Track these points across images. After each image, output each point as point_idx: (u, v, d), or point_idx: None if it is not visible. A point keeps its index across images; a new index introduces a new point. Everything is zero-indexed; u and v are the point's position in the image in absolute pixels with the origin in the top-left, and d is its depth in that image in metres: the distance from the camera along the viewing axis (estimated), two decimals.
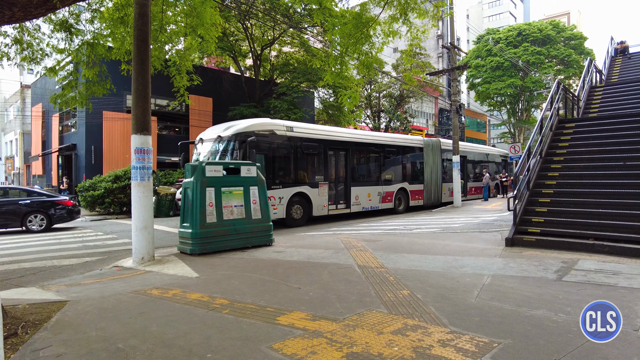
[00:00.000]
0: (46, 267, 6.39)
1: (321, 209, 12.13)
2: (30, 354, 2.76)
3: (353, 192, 13.20)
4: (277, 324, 3.29)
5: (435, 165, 16.86)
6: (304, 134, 12.21)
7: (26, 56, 9.59)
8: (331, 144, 12.83)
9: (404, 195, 15.45)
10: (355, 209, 13.27)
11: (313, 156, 12.39)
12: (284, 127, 11.64)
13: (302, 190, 11.65)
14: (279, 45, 22.70)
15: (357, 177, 13.66)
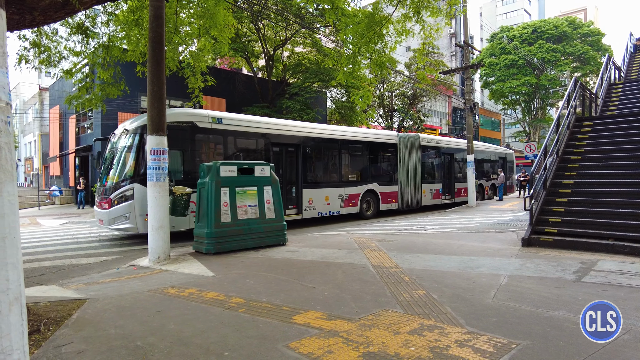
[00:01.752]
0: (65, 266, 6.51)
1: None
2: (52, 350, 2.82)
3: (305, 195, 11.48)
4: (293, 323, 3.30)
5: (413, 164, 14.95)
6: (238, 127, 10.51)
7: (44, 59, 9.77)
8: (276, 138, 11.13)
9: (373, 198, 13.55)
10: (308, 214, 11.42)
11: (252, 153, 10.75)
12: (209, 118, 10.08)
13: None
14: (291, 45, 22.76)
15: (311, 177, 11.90)
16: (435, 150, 16.55)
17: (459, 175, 17.84)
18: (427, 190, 15.73)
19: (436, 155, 16.68)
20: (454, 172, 17.43)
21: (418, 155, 15.28)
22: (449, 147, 17.35)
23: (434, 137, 17.27)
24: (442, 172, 16.94)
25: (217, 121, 10.22)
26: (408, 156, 14.88)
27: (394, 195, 14.29)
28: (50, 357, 2.71)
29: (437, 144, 16.81)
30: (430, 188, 15.94)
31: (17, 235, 2.06)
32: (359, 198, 12.98)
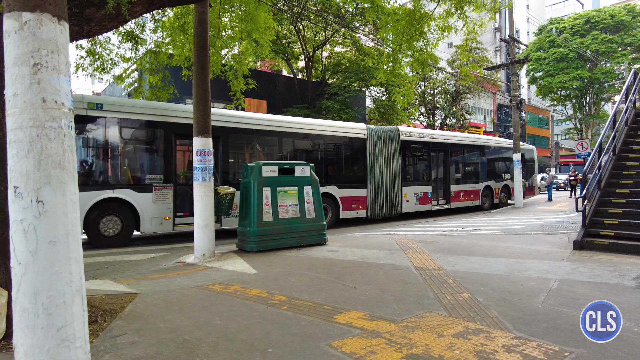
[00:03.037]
0: (117, 262, 6.86)
1: (158, 222, 8.60)
2: (109, 340, 2.99)
3: None
4: (334, 322, 3.31)
5: (389, 163, 12.43)
6: (123, 113, 8.62)
7: (98, 66, 10.34)
8: (179, 128, 9.08)
9: (332, 204, 11.18)
10: (229, 224, 9.36)
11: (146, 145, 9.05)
12: (85, 103, 8.23)
13: (119, 195, 8.25)
14: (330, 45, 22.82)
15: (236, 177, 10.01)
16: (422, 147, 13.66)
17: (457, 175, 14.86)
18: (409, 194, 12.92)
19: (424, 152, 13.79)
20: (450, 172, 14.46)
21: (397, 152, 12.66)
22: (442, 142, 14.35)
23: (420, 131, 14.41)
24: (434, 173, 14.19)
25: (95, 107, 8.36)
26: (382, 153, 12.41)
27: (361, 201, 11.78)
28: (107, 346, 2.87)
29: (425, 138, 13.87)
30: (414, 191, 13.10)
31: (78, 232, 2.20)
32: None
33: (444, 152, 14.55)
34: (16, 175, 2.03)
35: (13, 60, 2.05)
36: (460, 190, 14.77)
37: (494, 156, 16.57)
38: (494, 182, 16.25)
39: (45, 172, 2.03)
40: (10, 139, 2.05)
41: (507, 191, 16.95)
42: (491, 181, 16.12)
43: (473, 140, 16.17)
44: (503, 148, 17.04)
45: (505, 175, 16.96)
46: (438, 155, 14.49)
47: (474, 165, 15.71)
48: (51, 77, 2.10)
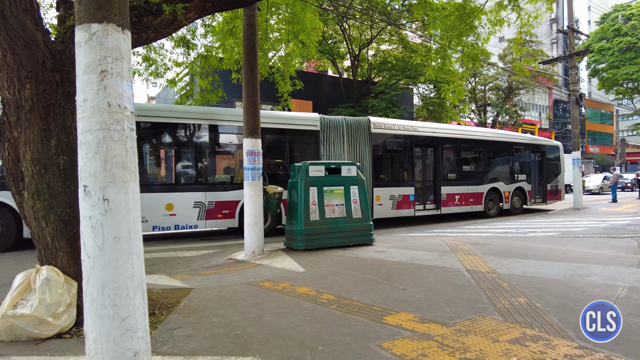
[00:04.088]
0: (171, 258, 7.18)
1: None
2: (166, 332, 3.14)
3: None
4: (384, 323, 3.27)
5: (354, 160, 10.67)
6: None
7: (153, 71, 10.89)
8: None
9: None
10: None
11: None
12: None
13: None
14: (376, 44, 22.62)
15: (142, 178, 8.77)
16: (402, 141, 11.66)
17: (451, 175, 12.67)
18: (383, 197, 11.02)
19: (406, 147, 11.77)
20: (441, 171, 12.33)
21: (366, 147, 10.79)
22: (429, 135, 12.21)
23: (401, 122, 12.19)
24: (419, 172, 12.27)
25: None
26: (344, 148, 10.51)
27: None
28: (164, 338, 3.01)
29: (406, 131, 11.71)
30: (390, 193, 11.15)
31: (139, 228, 2.32)
32: (237, 207, 9.32)
33: (433, 148, 12.36)
34: (85, 175, 2.18)
35: (83, 68, 2.21)
36: (454, 192, 12.50)
37: (503, 154, 14.19)
38: (503, 184, 13.76)
39: (111, 172, 2.17)
40: (80, 141, 2.21)
41: (521, 195, 14.40)
42: (499, 183, 13.68)
43: (474, 134, 13.79)
44: (516, 144, 14.49)
45: (518, 176, 14.37)
46: (425, 151, 12.37)
47: (476, 164, 13.55)
48: (116, 83, 2.23)
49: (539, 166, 15.13)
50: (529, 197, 14.53)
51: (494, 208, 13.59)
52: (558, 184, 15.74)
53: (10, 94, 3.36)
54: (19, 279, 3.18)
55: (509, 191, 13.99)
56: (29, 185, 3.35)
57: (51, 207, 3.28)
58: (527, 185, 14.52)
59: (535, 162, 15.04)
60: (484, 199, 13.18)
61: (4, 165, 3.63)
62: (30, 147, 3.32)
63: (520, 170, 14.52)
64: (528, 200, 14.51)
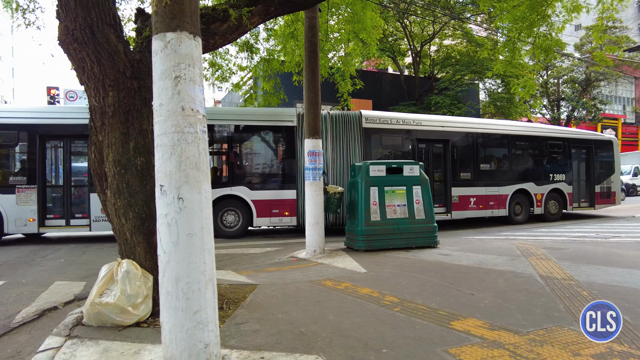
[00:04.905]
0: (237, 254, 7.45)
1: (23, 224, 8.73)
2: (233, 326, 3.26)
3: (95, 201, 8.73)
4: (451, 328, 3.15)
5: (341, 158, 9.78)
6: None
7: (219, 76, 11.40)
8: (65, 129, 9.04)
9: (241, 209, 9.54)
10: (101, 227, 8.94)
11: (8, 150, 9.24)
12: None
13: None
14: (439, 39, 21.93)
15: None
16: (402, 137, 10.69)
17: (465, 175, 11.20)
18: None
19: (407, 144, 10.72)
20: (452, 171, 11.02)
21: (357, 144, 9.89)
22: (436, 130, 11.00)
23: (400, 116, 11.16)
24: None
25: None
26: (327, 145, 9.71)
27: (287, 205, 9.65)
28: (232, 332, 3.13)
29: (406, 125, 10.62)
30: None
31: (211, 226, 2.43)
32: None
33: (443, 144, 11.12)
34: (161, 175, 2.32)
35: (159, 75, 2.35)
36: (469, 194, 10.98)
37: (533, 150, 12.33)
38: (533, 184, 11.86)
39: (185, 172, 2.29)
40: (157, 144, 2.36)
41: (559, 198, 12.26)
42: (528, 184, 11.84)
43: (494, 127, 12.11)
44: (552, 139, 12.50)
45: (555, 176, 12.27)
46: (431, 147, 11.09)
47: (498, 162, 11.99)
48: (188, 88, 2.35)
49: (586, 165, 13.01)
50: (569, 201, 12.33)
51: (522, 213, 11.85)
52: (611, 185, 13.21)
53: (96, 101, 3.67)
54: (104, 270, 3.46)
55: (542, 193, 11.98)
56: (111, 185, 3.64)
57: (130, 205, 3.54)
58: (566, 187, 12.35)
59: (579, 159, 12.98)
60: (508, 202, 11.46)
61: (90, 166, 3.99)
62: (112, 149, 3.61)
63: (558, 169, 12.46)
64: (568, 204, 12.34)
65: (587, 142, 13.06)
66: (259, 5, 4.65)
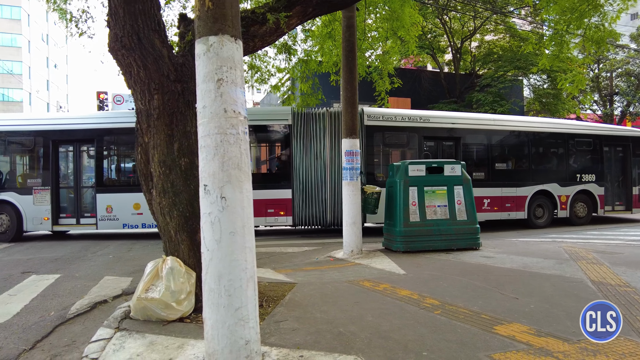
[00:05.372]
0: (275, 253, 7.56)
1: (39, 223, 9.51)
2: (273, 324, 3.31)
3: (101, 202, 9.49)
4: (494, 333, 3.04)
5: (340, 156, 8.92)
6: (12, 128, 9.90)
7: (258, 78, 11.58)
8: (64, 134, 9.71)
9: None
10: (106, 225, 9.55)
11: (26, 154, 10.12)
12: None
13: (4, 197, 9.46)
14: (480, 35, 21.26)
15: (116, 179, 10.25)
16: (407, 134, 10.30)
17: (478, 174, 10.40)
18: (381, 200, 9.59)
19: (412, 142, 10.35)
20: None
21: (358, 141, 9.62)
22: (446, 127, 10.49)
23: (404, 112, 10.75)
24: None
25: None
26: (325, 143, 9.58)
27: (283, 205, 9.51)
28: (272, 330, 3.18)
29: (411, 123, 10.21)
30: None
31: (252, 225, 2.48)
32: None
33: (454, 142, 10.61)
34: (205, 175, 2.39)
35: (202, 78, 2.42)
36: (481, 195, 10.07)
37: (557, 148, 11.40)
38: (557, 185, 10.91)
39: (227, 172, 2.34)
40: (201, 145, 2.43)
41: (588, 200, 11.14)
42: (551, 185, 10.90)
43: (510, 124, 11.23)
44: (578, 136, 11.40)
45: (583, 177, 11.15)
46: (440, 146, 10.64)
47: (515, 161, 11.16)
48: (230, 90, 2.41)
49: (622, 164, 11.76)
50: (600, 204, 11.21)
51: (545, 216, 10.89)
52: None
53: (142, 104, 3.84)
54: (150, 267, 3.61)
55: (568, 195, 10.95)
56: (156, 185, 3.79)
57: (174, 204, 3.67)
58: (597, 188, 11.22)
59: (613, 158, 11.75)
60: (527, 204, 10.62)
61: (137, 167, 4.17)
62: (158, 150, 3.75)
63: (587, 168, 11.35)
64: (599, 206, 11.20)
65: (623, 139, 11.89)
66: (297, 7, 4.68)
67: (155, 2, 3.79)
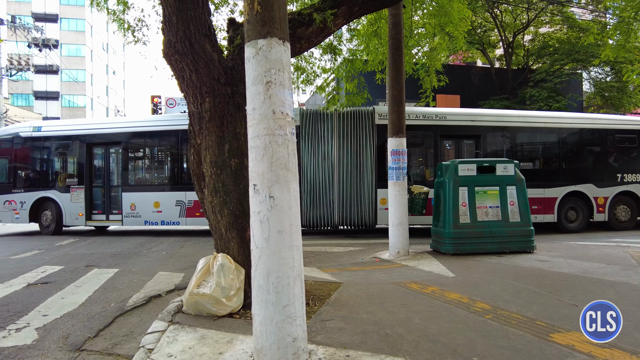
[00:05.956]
0: (321, 252, 7.60)
1: (75, 218, 10.77)
2: (319, 323, 3.33)
3: (126, 200, 10.56)
4: (551, 341, 2.88)
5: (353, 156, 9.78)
6: (56, 132, 11.25)
7: (304, 79, 11.70)
8: (102, 138, 10.97)
9: None
10: (130, 222, 10.61)
11: (66, 156, 11.33)
12: (31, 128, 11.36)
13: (49, 195, 10.91)
14: (534, 27, 20.20)
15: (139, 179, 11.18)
16: (423, 133, 10.21)
17: None
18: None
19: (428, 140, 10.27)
20: None
21: (368, 142, 9.83)
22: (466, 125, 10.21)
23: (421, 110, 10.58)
24: None
25: (37, 129, 11.27)
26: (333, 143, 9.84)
27: None
28: (318, 328, 3.20)
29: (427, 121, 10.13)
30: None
31: (299, 224, 2.51)
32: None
33: (474, 140, 10.29)
34: (254, 175, 2.45)
35: (252, 80, 2.48)
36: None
37: (592, 146, 10.54)
38: (592, 186, 10.12)
39: (275, 172, 2.39)
40: (250, 146, 2.49)
41: (632, 203, 10.22)
42: (586, 185, 10.12)
43: (539, 120, 10.56)
44: (617, 132, 10.47)
45: (625, 176, 10.21)
46: (459, 144, 10.32)
47: (543, 160, 10.48)
48: (278, 92, 2.45)
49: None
50: None
51: (578, 219, 10.11)
52: None
53: (194, 107, 3.99)
54: (201, 263, 3.75)
55: (606, 197, 10.13)
56: (208, 184, 3.93)
57: (225, 203, 3.79)
58: None
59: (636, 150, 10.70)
60: (556, 207, 9.95)
61: (190, 167, 4.35)
62: (209, 151, 3.89)
63: (630, 167, 10.40)
64: None
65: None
66: (342, 6, 4.68)
67: (206, 8, 3.93)
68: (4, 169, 11.34)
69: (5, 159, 11.30)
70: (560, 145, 10.48)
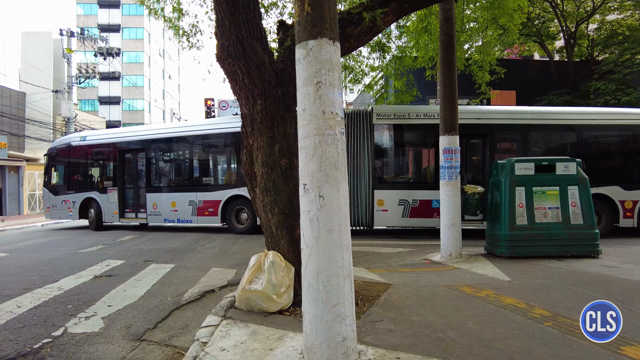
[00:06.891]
0: (369, 253, 7.55)
1: (111, 215, 12.13)
2: (369, 323, 3.31)
3: (149, 200, 11.74)
4: (621, 354, 2.68)
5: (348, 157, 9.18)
6: (96, 141, 12.74)
7: (352, 78, 11.67)
8: (129, 145, 12.33)
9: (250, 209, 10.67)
10: (153, 219, 11.78)
11: (104, 161, 12.70)
12: (79, 138, 13.07)
13: (92, 195, 12.38)
14: (600, 14, 18.78)
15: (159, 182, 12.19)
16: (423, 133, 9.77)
17: None
18: (390, 201, 9.44)
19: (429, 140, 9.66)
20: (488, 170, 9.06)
21: (365, 142, 9.63)
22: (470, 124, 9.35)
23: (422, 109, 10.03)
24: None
25: (83, 139, 12.98)
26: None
27: None
28: (367, 329, 3.18)
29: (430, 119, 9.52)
30: (399, 198, 9.45)
31: (348, 223, 2.51)
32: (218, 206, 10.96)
33: (481, 139, 9.65)
34: (304, 175, 2.48)
35: (302, 81, 2.51)
36: None
37: (618, 144, 9.52)
38: (619, 188, 9.06)
39: (325, 172, 2.41)
40: (300, 146, 2.52)
41: None
42: (611, 187, 9.08)
43: (554, 117, 9.64)
44: None
45: None
46: (464, 144, 9.19)
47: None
48: (328, 92, 2.46)
49: None
50: None
51: (600, 224, 8.84)
52: None
53: (247, 109, 4.11)
54: (253, 260, 3.85)
55: (635, 200, 9.03)
56: (259, 184, 4.03)
57: (275, 202, 3.86)
58: None
59: None
60: None
61: (243, 167, 4.48)
62: (261, 152, 3.99)
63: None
64: None
65: None
66: (392, 4, 4.62)
67: (257, 12, 4.03)
68: (61, 173, 13.08)
69: (62, 164, 13.03)
70: (580, 145, 9.55)
